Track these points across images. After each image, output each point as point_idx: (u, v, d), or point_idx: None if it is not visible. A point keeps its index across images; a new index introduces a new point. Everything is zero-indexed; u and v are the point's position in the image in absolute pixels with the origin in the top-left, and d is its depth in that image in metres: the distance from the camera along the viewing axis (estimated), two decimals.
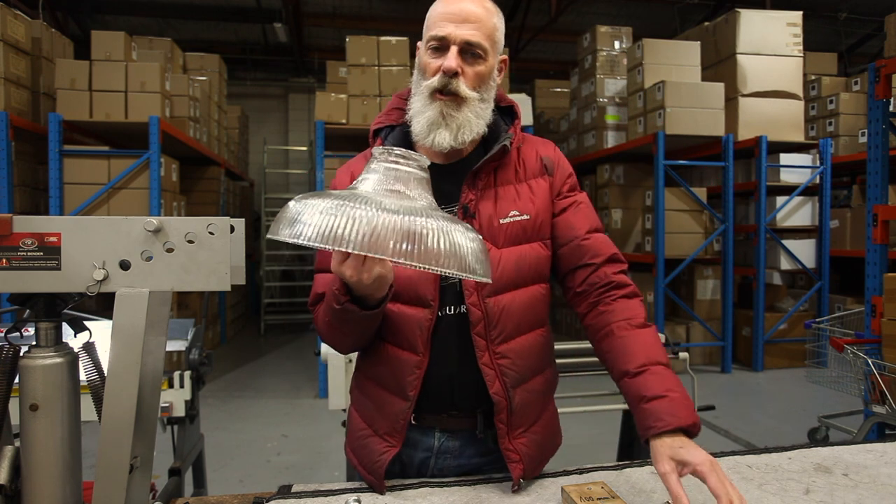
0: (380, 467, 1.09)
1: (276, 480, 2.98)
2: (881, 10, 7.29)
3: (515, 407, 1.10)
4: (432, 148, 1.10)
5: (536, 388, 1.14)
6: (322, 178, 5.16)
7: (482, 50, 1.07)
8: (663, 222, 5.64)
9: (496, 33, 1.10)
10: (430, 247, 0.73)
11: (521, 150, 1.18)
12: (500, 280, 1.08)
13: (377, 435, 1.13)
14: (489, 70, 1.10)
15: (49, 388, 0.77)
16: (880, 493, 1.04)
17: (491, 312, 1.08)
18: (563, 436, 1.27)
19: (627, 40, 6.70)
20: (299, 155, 10.40)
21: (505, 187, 1.14)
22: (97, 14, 8.32)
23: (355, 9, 8.70)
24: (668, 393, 0.97)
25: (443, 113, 1.07)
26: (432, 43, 1.07)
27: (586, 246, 1.14)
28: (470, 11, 1.06)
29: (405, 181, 0.82)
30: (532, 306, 1.13)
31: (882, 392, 2.72)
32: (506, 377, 1.09)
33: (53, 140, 4.51)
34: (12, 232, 0.75)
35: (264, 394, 5.07)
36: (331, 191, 0.79)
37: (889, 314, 2.84)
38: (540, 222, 1.13)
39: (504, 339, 1.09)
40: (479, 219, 1.10)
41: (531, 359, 1.13)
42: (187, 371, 2.01)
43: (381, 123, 1.20)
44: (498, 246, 1.10)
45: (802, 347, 5.09)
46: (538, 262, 1.13)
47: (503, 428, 1.10)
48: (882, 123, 3.12)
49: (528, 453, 1.11)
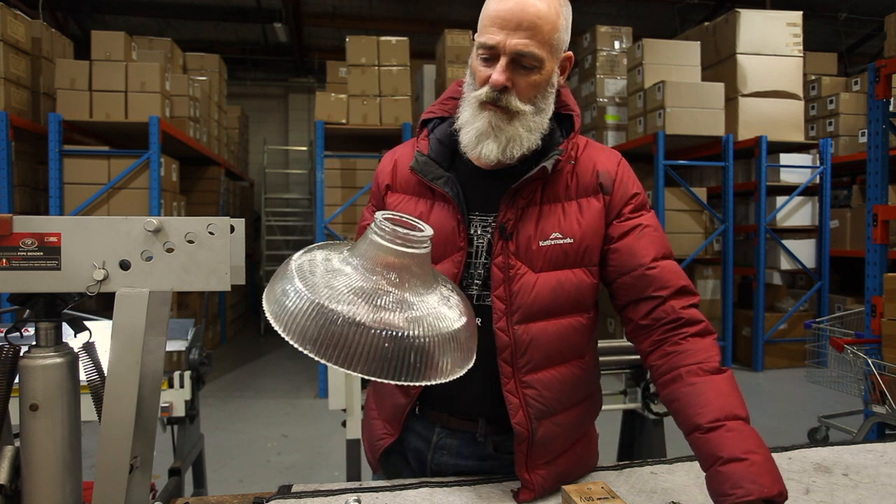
0: (377, 450, 1.16)
1: (276, 480, 2.98)
2: (881, 10, 7.29)
3: (538, 439, 1.03)
4: (479, 159, 1.03)
5: (566, 421, 1.06)
6: (322, 178, 5.15)
7: (536, 61, 0.96)
8: (663, 222, 5.63)
9: (556, 34, 0.98)
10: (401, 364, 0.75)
11: (578, 161, 1.06)
12: (532, 307, 1.00)
13: (380, 419, 1.17)
14: (546, 78, 0.99)
15: (49, 388, 0.77)
16: (880, 493, 1.04)
17: (519, 340, 1.00)
18: (597, 456, 1.19)
19: (627, 40, 6.69)
20: (299, 155, 10.40)
21: (551, 205, 1.03)
22: (97, 14, 8.31)
23: (355, 9, 8.70)
24: (748, 455, 0.85)
25: (492, 124, 0.99)
26: (482, 52, 0.98)
27: (652, 276, 1.02)
28: (526, 14, 0.93)
29: (400, 270, 0.79)
30: (567, 337, 1.03)
31: (882, 392, 2.72)
32: (530, 408, 1.01)
33: (53, 140, 4.51)
34: (12, 232, 0.75)
35: (264, 394, 5.07)
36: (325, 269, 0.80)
37: (889, 314, 2.84)
38: (585, 247, 1.03)
39: (532, 370, 1.02)
40: (517, 240, 1.01)
41: (562, 391, 1.04)
42: (187, 371, 2.00)
43: (433, 114, 1.13)
44: (535, 270, 1.01)
45: (802, 347, 5.09)
46: (579, 290, 1.03)
47: (521, 457, 1.03)
48: (882, 123, 3.12)
49: (543, 486, 1.04)
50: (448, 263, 1.04)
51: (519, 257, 1.01)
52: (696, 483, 1.08)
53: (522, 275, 1.01)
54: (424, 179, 1.06)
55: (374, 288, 0.77)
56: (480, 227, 1.05)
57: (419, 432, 1.15)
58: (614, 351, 2.56)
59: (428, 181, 1.06)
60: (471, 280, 1.05)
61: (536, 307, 1.01)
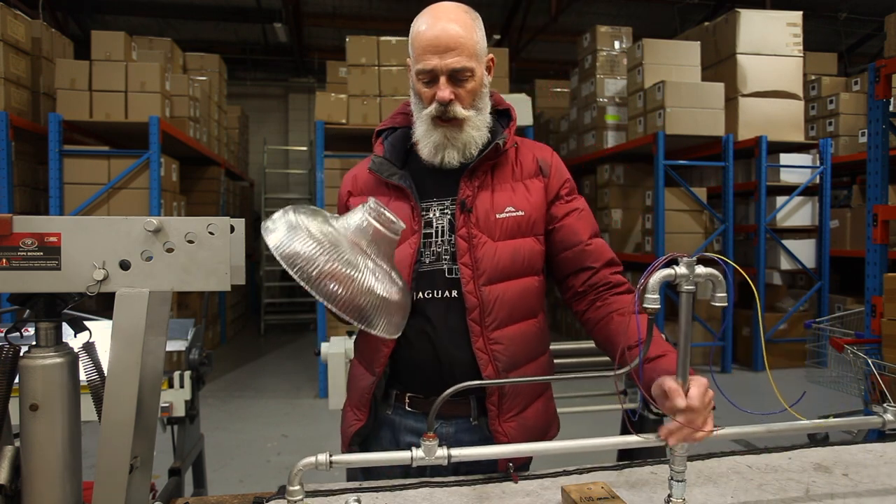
0: (346, 438, 1.24)
1: (276, 480, 2.98)
2: (881, 10, 7.28)
3: (507, 391, 1.18)
4: (442, 166, 1.19)
5: (528, 374, 1.21)
6: (322, 178, 5.15)
7: (469, 71, 1.14)
8: (663, 222, 5.63)
9: (478, 46, 1.15)
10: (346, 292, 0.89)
11: (519, 151, 1.26)
12: (495, 271, 1.16)
13: (350, 407, 1.26)
14: (479, 82, 1.17)
15: (49, 388, 0.77)
16: (880, 493, 1.05)
17: (486, 300, 1.15)
18: (559, 432, 1.30)
19: (627, 40, 6.69)
20: (299, 155, 10.40)
21: (501, 185, 1.21)
22: (97, 14, 8.32)
23: (355, 9, 8.70)
24: (666, 353, 1.05)
25: (446, 136, 1.17)
26: (422, 77, 1.15)
27: (588, 251, 1.22)
28: (450, 38, 1.11)
29: (376, 240, 0.95)
30: (525, 297, 1.20)
31: (882, 392, 2.71)
32: (498, 362, 1.16)
33: (53, 140, 4.51)
34: (12, 232, 0.75)
35: (264, 394, 5.07)
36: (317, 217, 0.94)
37: (889, 314, 2.84)
38: (533, 220, 1.21)
39: (498, 326, 1.16)
40: (476, 213, 1.17)
41: (523, 346, 1.20)
42: (187, 371, 2.01)
43: (385, 126, 1.30)
44: (494, 239, 1.18)
45: (802, 347, 5.09)
46: (532, 255, 1.20)
47: (494, 410, 1.17)
48: (882, 123, 3.12)
49: (516, 437, 1.17)
50: (405, 246, 1.19)
51: (480, 228, 1.17)
52: (697, 483, 1.08)
53: (484, 243, 1.17)
54: (381, 177, 1.23)
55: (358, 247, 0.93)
56: (439, 210, 1.21)
57: (414, 428, 1.21)
58: None
59: (384, 178, 1.22)
60: (438, 257, 1.20)
61: (499, 270, 1.16)
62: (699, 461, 1.18)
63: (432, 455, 0.91)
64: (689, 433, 0.93)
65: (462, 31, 1.12)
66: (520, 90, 8.06)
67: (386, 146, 1.27)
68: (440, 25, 1.12)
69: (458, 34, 1.12)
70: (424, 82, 1.16)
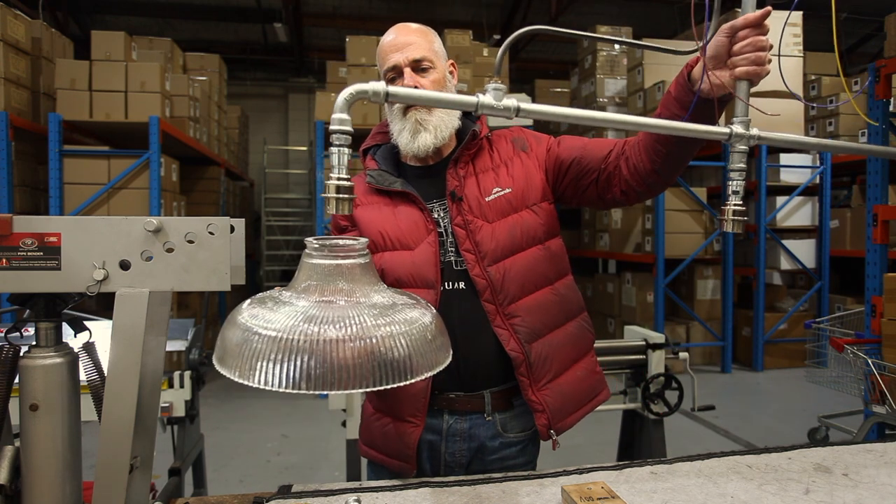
0: (409, 448, 1.22)
1: (276, 480, 2.98)
2: (881, 10, 7.28)
3: (534, 360, 1.20)
4: (418, 153, 1.24)
5: (555, 341, 1.24)
6: (322, 178, 5.15)
7: (429, 62, 1.23)
8: (663, 222, 5.63)
9: (435, 45, 1.27)
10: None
11: (493, 142, 1.32)
12: (497, 250, 1.21)
13: (401, 420, 1.24)
14: (442, 76, 1.25)
15: (49, 388, 0.77)
16: (880, 493, 1.04)
17: (494, 279, 1.19)
18: (600, 397, 1.33)
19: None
20: (299, 155, 10.40)
21: (484, 172, 1.27)
22: (97, 14, 8.32)
23: (355, 9, 8.70)
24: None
25: (418, 120, 1.22)
26: (389, 74, 1.24)
27: (595, 141, 1.27)
28: (407, 36, 1.24)
29: (348, 276, 0.77)
30: (533, 267, 1.23)
31: (882, 392, 2.72)
32: (519, 334, 1.19)
33: (53, 140, 4.50)
34: (12, 232, 0.75)
35: (264, 394, 5.05)
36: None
37: (889, 314, 2.84)
38: (522, 192, 1.25)
39: (512, 300, 1.20)
40: (468, 200, 1.23)
41: (542, 314, 1.23)
42: (187, 371, 2.01)
43: (369, 144, 1.37)
44: (489, 221, 1.22)
45: (802, 347, 5.08)
46: (529, 226, 1.24)
47: (525, 381, 1.20)
48: (882, 123, 3.12)
49: (553, 404, 1.21)
50: (425, 246, 1.22)
51: (473, 213, 1.22)
52: (697, 483, 1.08)
53: (481, 227, 1.22)
54: (382, 187, 1.27)
55: (333, 305, 0.73)
56: (441, 210, 1.26)
57: (430, 426, 1.25)
58: (614, 351, 2.56)
59: (386, 187, 1.27)
60: (446, 255, 1.23)
61: (500, 249, 1.21)
62: (699, 461, 1.18)
63: (500, 100, 0.87)
64: (756, 56, 0.97)
65: (419, 33, 1.25)
66: (520, 90, 8.08)
67: (377, 159, 1.33)
68: (398, 31, 1.26)
69: (415, 34, 1.25)
70: (391, 79, 1.23)
